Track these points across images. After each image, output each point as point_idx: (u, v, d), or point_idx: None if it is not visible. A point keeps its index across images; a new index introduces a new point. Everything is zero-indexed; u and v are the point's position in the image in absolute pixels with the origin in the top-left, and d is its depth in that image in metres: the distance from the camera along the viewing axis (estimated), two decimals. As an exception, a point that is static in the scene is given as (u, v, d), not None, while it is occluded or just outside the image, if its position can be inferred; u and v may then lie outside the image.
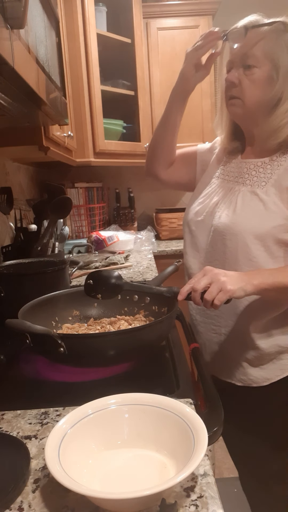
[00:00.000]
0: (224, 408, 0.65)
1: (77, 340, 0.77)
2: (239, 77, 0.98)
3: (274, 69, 0.95)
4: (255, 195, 0.99)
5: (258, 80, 0.96)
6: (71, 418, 0.59)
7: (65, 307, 1.01)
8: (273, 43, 0.95)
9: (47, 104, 0.99)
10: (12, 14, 0.63)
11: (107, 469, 0.56)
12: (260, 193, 0.98)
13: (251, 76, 0.96)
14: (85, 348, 0.76)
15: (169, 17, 2.53)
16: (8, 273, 1.21)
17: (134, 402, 0.62)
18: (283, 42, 0.95)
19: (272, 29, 0.96)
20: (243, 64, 0.97)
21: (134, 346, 0.79)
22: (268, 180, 0.99)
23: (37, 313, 0.92)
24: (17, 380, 0.86)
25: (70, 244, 2.16)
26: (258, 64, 0.95)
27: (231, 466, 1.98)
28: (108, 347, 0.76)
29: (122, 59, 2.48)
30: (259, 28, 0.96)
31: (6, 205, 1.59)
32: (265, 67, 0.95)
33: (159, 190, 3.06)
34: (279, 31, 0.96)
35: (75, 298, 1.04)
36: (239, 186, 1.03)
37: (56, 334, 0.72)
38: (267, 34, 0.95)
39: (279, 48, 0.95)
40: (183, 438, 0.55)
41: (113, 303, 1.04)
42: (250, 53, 0.96)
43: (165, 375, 0.83)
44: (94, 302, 1.05)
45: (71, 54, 2.10)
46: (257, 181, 1.00)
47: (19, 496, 0.52)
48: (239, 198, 1.01)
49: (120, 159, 2.42)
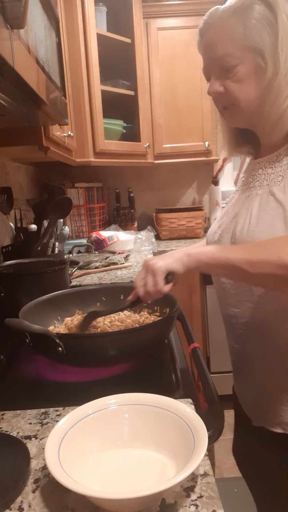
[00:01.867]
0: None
1: (75, 340, 0.77)
2: (222, 83, 0.83)
3: (259, 55, 0.79)
4: (272, 195, 0.83)
5: (246, 77, 0.81)
6: (71, 418, 0.59)
7: (68, 307, 1.02)
8: (243, 28, 0.78)
9: (47, 104, 0.99)
10: (12, 14, 0.63)
11: (107, 469, 0.56)
12: (277, 192, 0.82)
13: (236, 76, 0.81)
14: (83, 348, 0.76)
15: (169, 17, 2.53)
16: (8, 273, 1.21)
17: (134, 402, 0.62)
18: (253, 19, 0.78)
19: (234, 10, 0.79)
20: (222, 68, 0.82)
21: (133, 346, 0.79)
22: (285, 172, 0.83)
23: (38, 313, 0.92)
24: (17, 380, 0.86)
25: (70, 244, 2.16)
26: (238, 60, 0.80)
27: (231, 466, 1.98)
28: (107, 347, 0.76)
29: (122, 59, 2.47)
30: (219, 21, 0.81)
31: (6, 205, 1.59)
32: (248, 59, 0.80)
33: (159, 190, 3.06)
34: (242, 9, 0.79)
35: (77, 297, 1.04)
36: (256, 190, 0.88)
37: (54, 333, 0.72)
38: (231, 21, 0.79)
39: (253, 29, 0.78)
40: (183, 438, 0.55)
41: (115, 303, 1.04)
42: (223, 54, 0.80)
43: (165, 375, 0.83)
44: (97, 302, 1.05)
45: (71, 54, 2.10)
46: (274, 177, 0.85)
47: (19, 496, 0.52)
48: (255, 205, 0.85)
49: (120, 159, 2.42)
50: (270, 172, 0.87)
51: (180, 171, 3.00)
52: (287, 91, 0.80)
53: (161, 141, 2.62)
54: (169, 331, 0.92)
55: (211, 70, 0.85)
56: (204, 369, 0.87)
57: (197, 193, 3.08)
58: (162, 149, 2.64)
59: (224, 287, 0.93)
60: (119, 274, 1.78)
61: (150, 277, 0.76)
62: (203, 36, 0.85)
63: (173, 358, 0.89)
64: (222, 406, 0.69)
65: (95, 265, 1.89)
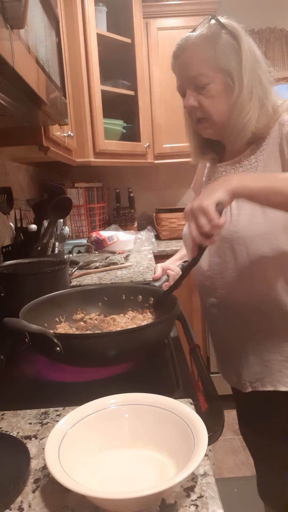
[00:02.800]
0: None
1: (73, 340, 0.77)
2: (196, 98, 0.96)
3: (227, 76, 0.93)
4: None
5: (217, 94, 0.94)
6: (71, 418, 0.59)
7: (69, 306, 1.02)
8: (215, 52, 0.92)
9: (47, 104, 0.99)
10: (12, 14, 0.63)
11: (107, 469, 0.56)
12: None
13: (208, 93, 0.94)
14: (82, 348, 0.76)
15: (169, 17, 2.53)
16: (8, 273, 1.21)
17: (134, 402, 0.62)
18: (224, 44, 0.92)
19: (205, 37, 0.93)
20: (195, 86, 0.95)
21: (133, 346, 0.78)
22: (257, 169, 0.96)
23: (39, 312, 0.92)
24: (17, 380, 0.86)
25: (70, 244, 2.15)
26: (210, 80, 0.93)
27: (231, 466, 1.98)
28: (106, 347, 0.76)
29: (122, 59, 2.47)
30: (193, 45, 0.94)
31: (6, 205, 1.59)
32: (218, 78, 0.93)
33: (159, 190, 3.06)
34: (213, 35, 0.92)
35: (79, 297, 1.04)
36: None
37: (52, 333, 0.72)
38: (203, 47, 0.93)
39: (222, 54, 0.92)
40: (183, 438, 0.55)
41: (117, 303, 1.05)
42: (197, 73, 0.93)
43: (165, 375, 0.83)
44: (99, 302, 1.05)
45: (71, 54, 2.10)
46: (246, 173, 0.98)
47: (19, 496, 0.52)
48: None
49: (120, 159, 2.42)
50: (241, 170, 1.01)
51: (180, 171, 3.00)
52: (248, 106, 0.93)
53: (161, 141, 2.63)
54: (169, 331, 0.92)
55: (186, 87, 0.97)
56: (204, 369, 0.87)
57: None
58: (162, 149, 2.64)
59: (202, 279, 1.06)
60: (119, 274, 1.78)
61: (203, 217, 0.75)
62: (178, 58, 0.98)
63: (173, 358, 0.89)
64: (222, 406, 0.69)
65: (95, 265, 1.89)
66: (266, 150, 0.96)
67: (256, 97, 0.94)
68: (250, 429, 1.15)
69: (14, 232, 1.72)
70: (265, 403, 1.03)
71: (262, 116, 0.94)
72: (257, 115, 0.94)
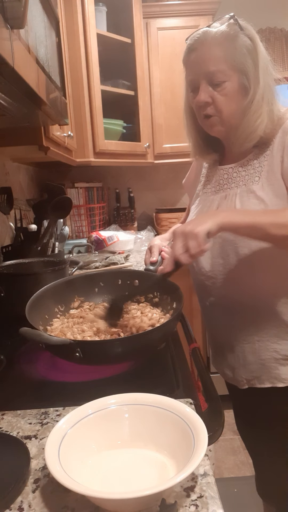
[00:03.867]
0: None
1: (92, 346, 0.78)
2: (210, 95, 0.95)
3: (244, 76, 0.93)
4: (252, 192, 0.96)
5: (232, 93, 0.94)
6: (71, 418, 0.59)
7: (66, 295, 1.02)
8: (233, 51, 0.92)
9: (47, 104, 0.99)
10: (12, 14, 0.63)
11: (107, 469, 0.56)
12: (257, 190, 0.96)
13: (223, 91, 0.94)
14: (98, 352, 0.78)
15: (169, 17, 2.53)
16: (8, 273, 1.21)
17: (134, 402, 0.62)
18: (242, 45, 0.92)
19: (226, 35, 0.92)
20: (211, 82, 0.94)
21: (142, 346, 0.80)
22: (261, 173, 0.97)
23: (41, 305, 0.93)
24: (17, 380, 0.86)
25: (70, 244, 2.15)
26: (227, 78, 0.93)
27: (231, 466, 1.98)
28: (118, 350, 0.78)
29: (122, 59, 2.47)
30: (213, 41, 0.92)
31: (6, 205, 1.59)
32: (234, 77, 0.93)
33: (159, 190, 3.06)
34: (234, 34, 0.92)
35: (75, 285, 1.05)
36: (233, 190, 1.02)
37: (74, 342, 0.73)
38: (224, 43, 0.92)
39: (241, 54, 0.92)
40: (183, 438, 0.55)
41: (114, 288, 1.05)
42: (216, 69, 0.92)
43: (165, 375, 0.83)
44: (95, 288, 1.06)
45: (71, 54, 2.10)
46: (250, 178, 0.99)
47: (19, 496, 0.52)
48: (237, 201, 0.99)
49: (120, 159, 2.42)
50: (244, 174, 1.01)
51: (180, 171, 3.00)
52: (261, 110, 0.94)
53: (161, 141, 2.62)
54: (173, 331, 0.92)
55: (200, 82, 0.96)
56: (204, 369, 0.87)
57: (197, 193, 3.07)
58: (162, 149, 2.63)
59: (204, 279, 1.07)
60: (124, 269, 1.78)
61: (193, 240, 0.81)
62: (194, 51, 0.95)
63: (173, 358, 0.89)
64: (222, 406, 0.70)
65: (95, 265, 1.89)
66: (270, 155, 0.96)
67: (266, 101, 0.94)
68: (247, 424, 1.16)
69: (14, 232, 1.72)
70: (261, 399, 1.05)
71: (270, 121, 0.95)
72: (266, 120, 0.94)
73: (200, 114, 1.00)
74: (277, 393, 1.02)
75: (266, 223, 0.83)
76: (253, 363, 1.03)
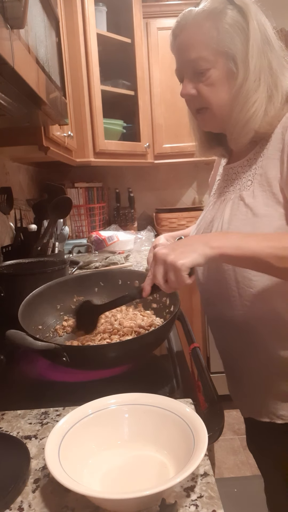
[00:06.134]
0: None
1: (78, 352, 0.78)
2: (195, 86, 0.84)
3: (230, 60, 0.80)
4: (241, 200, 0.85)
5: (218, 81, 0.82)
6: (71, 418, 0.59)
7: (65, 294, 1.02)
8: (217, 32, 0.79)
9: (47, 104, 0.99)
10: (12, 14, 0.63)
11: (107, 469, 0.56)
12: (246, 197, 0.84)
13: (208, 80, 0.82)
14: (87, 357, 0.77)
15: (169, 17, 2.53)
16: (8, 273, 1.21)
17: (134, 402, 0.62)
18: (226, 23, 0.79)
19: (209, 13, 0.79)
20: (195, 71, 0.83)
21: (135, 351, 0.80)
22: (254, 177, 0.85)
23: (38, 305, 0.93)
24: (17, 380, 0.86)
25: (70, 244, 2.15)
26: (211, 64, 0.81)
27: (231, 466, 1.98)
28: (109, 355, 0.77)
29: (122, 59, 2.47)
30: (192, 23, 0.81)
31: (6, 205, 1.59)
32: (220, 63, 0.80)
33: (159, 190, 3.06)
34: (219, 10, 0.79)
35: (75, 284, 1.04)
36: (229, 195, 0.91)
37: (59, 347, 0.72)
38: (204, 25, 0.79)
39: (226, 34, 0.79)
40: (183, 438, 0.55)
41: (113, 288, 1.05)
42: (196, 57, 0.81)
43: (165, 375, 0.83)
44: (95, 287, 1.05)
45: (71, 54, 2.10)
46: (244, 183, 0.87)
47: (19, 496, 0.52)
48: (227, 210, 0.88)
49: (120, 159, 2.42)
50: (242, 176, 0.89)
51: (180, 171, 3.00)
52: (255, 97, 0.80)
53: (161, 141, 2.62)
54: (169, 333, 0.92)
55: (184, 72, 0.86)
56: (204, 369, 0.87)
57: (197, 193, 3.07)
58: (162, 149, 2.63)
59: (200, 289, 0.97)
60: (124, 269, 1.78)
61: (173, 274, 0.70)
62: (176, 37, 0.85)
63: (173, 358, 0.89)
64: (222, 406, 0.69)
65: (95, 265, 1.89)
66: (265, 154, 0.84)
67: (264, 85, 0.80)
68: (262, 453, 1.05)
69: (14, 232, 1.72)
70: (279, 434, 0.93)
71: (269, 109, 0.81)
72: (264, 108, 0.81)
73: (191, 109, 0.91)
74: None
75: (267, 255, 0.69)
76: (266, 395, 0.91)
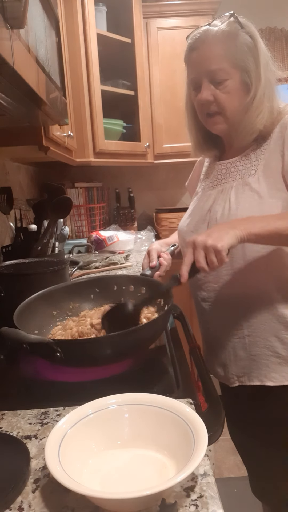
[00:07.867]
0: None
1: (72, 345, 0.77)
2: (213, 93, 0.96)
3: (245, 74, 0.95)
4: (247, 185, 0.98)
5: (234, 90, 0.96)
6: (71, 418, 0.59)
7: (61, 301, 1.02)
8: (234, 49, 0.93)
9: (47, 104, 0.99)
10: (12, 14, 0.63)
11: (107, 469, 0.56)
12: (252, 182, 0.97)
13: (225, 89, 0.95)
14: (81, 352, 0.76)
15: (169, 17, 2.53)
16: (8, 273, 1.21)
17: (134, 402, 0.62)
18: (243, 43, 0.94)
19: (227, 33, 0.93)
20: (213, 80, 0.95)
21: (130, 345, 0.79)
22: (257, 167, 0.98)
23: (34, 310, 0.92)
24: (17, 380, 0.86)
25: (70, 244, 2.15)
26: (228, 76, 0.94)
27: (231, 466, 1.98)
28: (104, 350, 0.76)
29: (122, 59, 2.47)
30: (214, 39, 0.94)
31: (6, 205, 1.59)
32: (236, 75, 0.95)
33: (159, 190, 3.06)
34: (234, 33, 0.94)
35: (71, 291, 1.04)
36: (230, 184, 1.03)
37: (51, 341, 0.72)
38: (225, 42, 0.93)
39: (242, 52, 0.94)
40: (183, 438, 0.55)
41: (109, 294, 1.05)
42: (217, 68, 0.94)
43: (165, 375, 0.83)
44: (91, 294, 1.05)
45: (71, 54, 2.10)
46: (246, 171, 1.00)
47: (19, 496, 0.52)
48: (232, 194, 1.00)
49: (120, 159, 2.42)
50: (241, 168, 1.02)
51: (180, 171, 3.00)
52: (262, 106, 0.96)
53: (161, 141, 2.62)
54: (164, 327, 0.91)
55: (202, 81, 0.97)
56: (204, 369, 0.87)
57: (197, 193, 3.07)
58: (162, 149, 2.64)
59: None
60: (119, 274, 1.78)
61: (214, 255, 0.81)
62: (195, 50, 0.97)
63: (173, 358, 0.89)
64: (222, 406, 0.69)
65: (95, 265, 1.89)
66: (267, 150, 0.98)
67: (267, 97, 0.97)
68: (237, 428, 1.15)
69: (14, 232, 1.72)
70: (251, 398, 1.04)
71: (270, 116, 0.97)
72: (266, 115, 0.97)
73: (202, 113, 1.02)
74: (266, 393, 1.01)
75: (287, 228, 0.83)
76: (244, 359, 1.02)
